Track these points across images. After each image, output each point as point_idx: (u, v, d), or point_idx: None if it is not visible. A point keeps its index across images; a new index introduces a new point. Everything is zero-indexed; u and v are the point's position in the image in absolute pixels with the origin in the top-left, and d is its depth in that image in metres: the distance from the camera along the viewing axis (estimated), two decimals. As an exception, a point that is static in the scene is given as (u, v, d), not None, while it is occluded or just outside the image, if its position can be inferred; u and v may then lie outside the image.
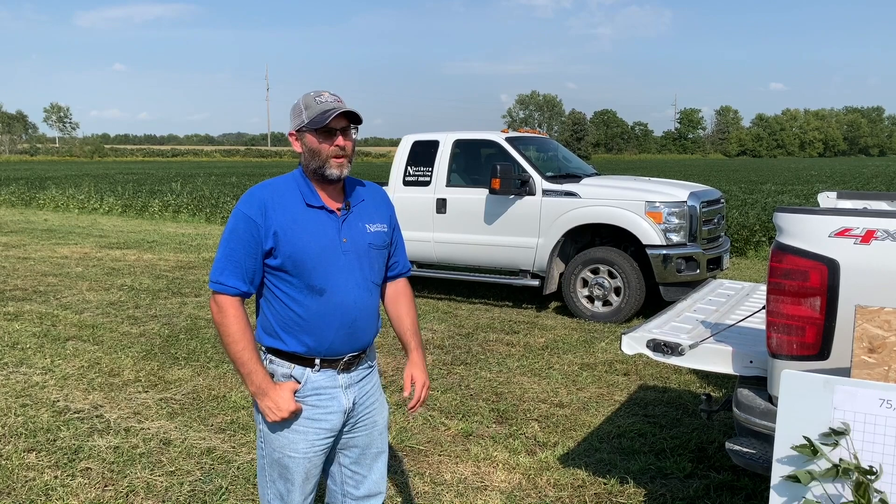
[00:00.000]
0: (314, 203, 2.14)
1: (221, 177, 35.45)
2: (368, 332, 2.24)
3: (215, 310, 2.11)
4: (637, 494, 3.59)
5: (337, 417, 2.20)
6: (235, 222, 2.10)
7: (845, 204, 4.11)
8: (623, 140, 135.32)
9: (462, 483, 3.70)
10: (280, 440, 2.17)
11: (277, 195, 2.12)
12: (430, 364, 5.72)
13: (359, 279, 2.17)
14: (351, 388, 2.23)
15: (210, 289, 2.13)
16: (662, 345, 3.01)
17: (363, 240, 2.19)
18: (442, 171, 8.02)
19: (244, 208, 2.10)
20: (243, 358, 2.09)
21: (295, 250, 2.08)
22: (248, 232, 2.08)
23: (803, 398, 2.00)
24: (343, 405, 2.20)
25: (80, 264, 10.48)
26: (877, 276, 2.36)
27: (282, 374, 2.16)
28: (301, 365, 2.16)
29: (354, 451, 2.30)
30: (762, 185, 26.96)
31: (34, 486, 3.60)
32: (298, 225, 2.10)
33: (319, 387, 2.17)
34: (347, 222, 2.18)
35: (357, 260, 2.17)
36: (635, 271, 7.07)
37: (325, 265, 2.11)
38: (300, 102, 2.14)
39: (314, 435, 2.17)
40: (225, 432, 4.30)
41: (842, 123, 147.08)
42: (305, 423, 2.16)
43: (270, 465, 2.22)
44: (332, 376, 2.19)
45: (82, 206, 19.93)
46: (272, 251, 2.09)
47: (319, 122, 2.07)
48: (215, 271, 2.11)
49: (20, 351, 5.94)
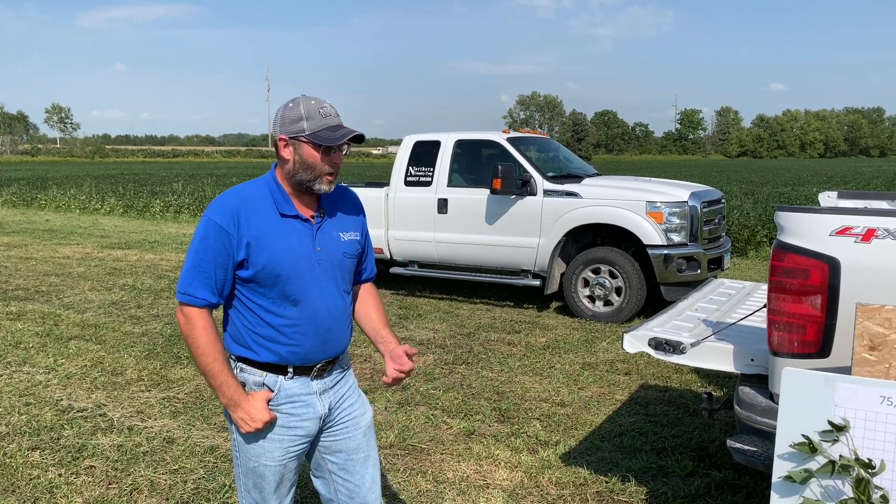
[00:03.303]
0: (288, 212, 2.06)
1: (222, 177, 35.47)
2: (343, 339, 2.19)
3: (182, 321, 2.04)
4: (638, 493, 3.60)
5: (312, 423, 2.15)
6: (206, 231, 2.00)
7: (846, 203, 4.12)
8: (624, 140, 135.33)
9: (464, 481, 3.71)
10: (255, 449, 2.11)
11: (250, 204, 2.03)
12: (432, 363, 5.74)
13: (332, 288, 2.12)
14: (326, 393, 2.17)
15: (177, 300, 2.06)
16: (664, 343, 3.02)
17: (337, 249, 2.13)
18: (443, 171, 8.03)
19: (215, 217, 2.00)
20: (213, 370, 2.02)
21: (269, 262, 2.01)
22: (219, 242, 1.99)
23: (804, 396, 2.01)
24: (318, 411, 2.15)
25: (82, 264, 10.50)
26: (877, 274, 2.38)
27: (253, 382, 2.10)
28: (273, 373, 2.10)
29: (340, 456, 2.23)
30: (763, 185, 26.97)
31: (38, 485, 3.61)
32: (272, 236, 2.02)
33: (293, 394, 2.11)
34: (322, 230, 2.11)
35: (331, 269, 2.11)
36: (636, 271, 7.08)
37: (300, 276, 2.05)
38: (300, 108, 2.02)
39: (289, 442, 2.12)
40: (228, 431, 4.31)
41: (842, 124, 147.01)
42: (280, 431, 2.11)
43: (245, 475, 2.17)
44: (306, 383, 2.13)
45: (83, 207, 19.94)
46: (244, 262, 2.01)
47: (329, 140, 2.00)
48: (183, 282, 2.03)
49: (23, 350, 5.96)
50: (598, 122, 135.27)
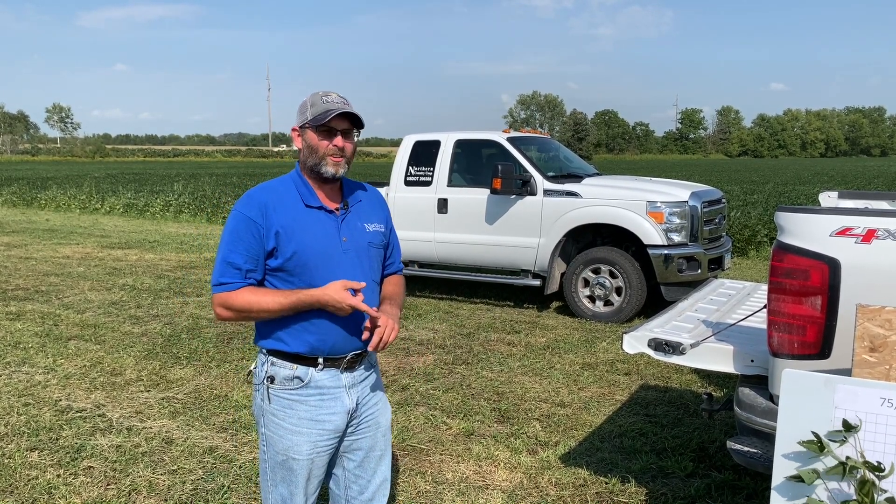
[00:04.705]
0: (312, 203, 2.14)
1: (223, 177, 35.48)
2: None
3: (223, 312, 2.09)
4: (638, 493, 3.59)
5: (340, 418, 2.18)
6: (235, 224, 2.10)
7: (846, 203, 4.11)
8: (624, 140, 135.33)
9: (463, 482, 3.70)
10: (283, 442, 2.15)
11: (276, 196, 2.12)
12: (432, 364, 5.73)
13: (359, 277, 2.16)
14: (354, 388, 2.22)
15: (213, 293, 2.10)
16: (664, 344, 3.01)
17: (363, 238, 2.20)
18: (443, 171, 8.02)
19: (243, 209, 2.10)
20: (283, 303, 2.05)
21: (297, 250, 2.08)
22: (249, 232, 2.07)
23: (804, 397, 2.01)
24: (346, 405, 2.19)
25: (82, 264, 10.49)
26: (878, 275, 2.37)
27: (284, 375, 2.15)
28: (304, 364, 2.15)
29: (358, 454, 2.28)
30: (763, 185, 26.95)
31: (37, 485, 3.61)
32: (299, 225, 2.09)
33: (323, 386, 2.16)
34: (346, 221, 2.18)
35: (357, 258, 2.17)
36: (636, 271, 7.07)
37: (327, 264, 2.11)
38: (307, 100, 2.15)
39: (317, 436, 2.16)
40: (227, 431, 4.30)
41: (843, 124, 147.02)
42: (308, 424, 2.15)
43: (273, 469, 2.19)
44: (336, 375, 2.18)
45: (84, 206, 19.95)
46: (274, 251, 2.09)
47: (320, 119, 2.08)
48: (217, 274, 2.09)
49: (22, 350, 5.95)
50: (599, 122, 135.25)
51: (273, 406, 2.17)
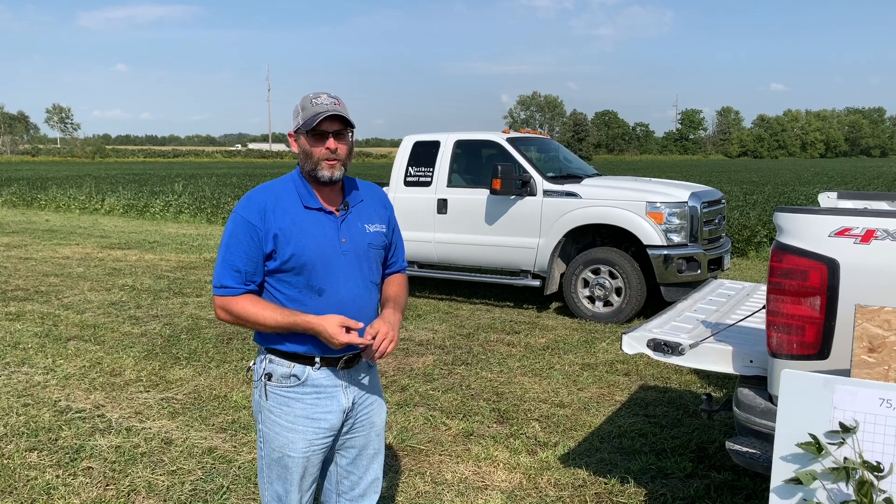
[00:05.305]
0: (312, 205, 2.15)
1: (222, 177, 35.48)
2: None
3: (223, 314, 2.12)
4: (638, 494, 3.59)
5: (336, 417, 2.20)
6: (234, 227, 2.11)
7: (845, 204, 4.11)
8: (624, 141, 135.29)
9: (463, 483, 3.70)
10: (279, 439, 2.17)
11: (276, 198, 2.13)
12: (431, 364, 5.73)
13: (358, 279, 2.17)
14: (350, 387, 2.23)
15: (214, 294, 2.13)
16: (663, 344, 3.01)
17: (362, 240, 2.20)
18: (443, 171, 8.02)
19: (243, 212, 2.11)
20: (280, 321, 2.07)
21: (295, 251, 2.09)
22: (248, 235, 2.09)
23: (803, 397, 2.00)
24: (342, 404, 2.20)
25: (82, 264, 10.49)
26: (877, 275, 2.37)
27: (281, 373, 2.16)
28: (301, 363, 2.16)
29: (352, 452, 2.30)
30: (763, 185, 26.95)
31: (36, 486, 3.60)
32: (298, 227, 2.11)
33: (320, 385, 2.17)
34: (346, 223, 2.19)
35: (356, 260, 2.18)
36: (636, 272, 7.07)
37: (325, 266, 2.12)
38: (298, 104, 2.15)
39: (313, 434, 2.17)
40: (226, 432, 4.30)
41: (843, 124, 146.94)
42: (304, 422, 2.16)
43: (269, 466, 2.22)
44: (332, 375, 2.19)
45: (83, 207, 19.94)
46: (272, 254, 2.10)
47: (310, 123, 2.08)
48: (217, 276, 2.12)
49: (22, 351, 5.95)
50: (599, 122, 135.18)
51: (270, 403, 2.19)
